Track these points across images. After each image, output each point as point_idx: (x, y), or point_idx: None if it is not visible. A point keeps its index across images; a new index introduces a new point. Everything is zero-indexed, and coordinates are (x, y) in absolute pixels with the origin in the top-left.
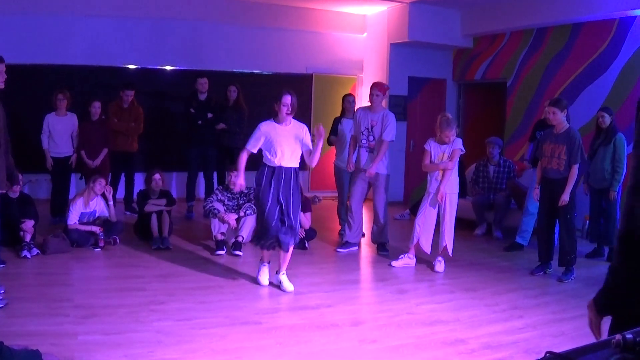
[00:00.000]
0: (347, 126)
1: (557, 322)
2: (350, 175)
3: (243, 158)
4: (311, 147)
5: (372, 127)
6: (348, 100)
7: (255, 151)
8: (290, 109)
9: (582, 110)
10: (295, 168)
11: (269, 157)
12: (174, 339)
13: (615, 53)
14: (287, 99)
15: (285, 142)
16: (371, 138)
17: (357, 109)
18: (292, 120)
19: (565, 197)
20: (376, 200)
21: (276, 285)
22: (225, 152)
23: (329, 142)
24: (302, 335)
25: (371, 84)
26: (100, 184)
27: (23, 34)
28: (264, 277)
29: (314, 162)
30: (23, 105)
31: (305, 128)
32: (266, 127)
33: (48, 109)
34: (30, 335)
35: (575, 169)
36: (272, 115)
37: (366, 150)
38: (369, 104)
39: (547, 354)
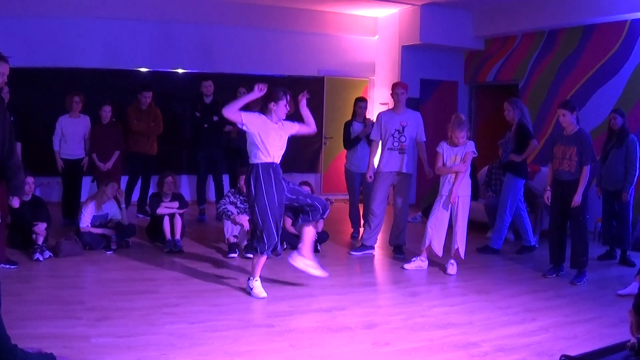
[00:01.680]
0: (357, 130)
1: (570, 324)
2: (374, 177)
3: (233, 114)
4: (298, 125)
5: (403, 128)
6: (360, 105)
7: (244, 121)
8: (287, 110)
9: (594, 112)
10: (279, 164)
11: (260, 152)
12: (186, 341)
13: (627, 55)
14: (288, 98)
15: (278, 140)
16: (403, 139)
17: (380, 114)
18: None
19: (578, 199)
20: (399, 202)
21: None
22: (235, 154)
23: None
24: (315, 338)
25: (392, 85)
26: (113, 188)
27: (35, 37)
28: (261, 290)
29: (312, 125)
30: (35, 108)
31: (287, 122)
32: (261, 117)
33: (60, 112)
34: (43, 338)
35: (586, 170)
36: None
37: (398, 152)
38: (390, 106)
39: (562, 357)
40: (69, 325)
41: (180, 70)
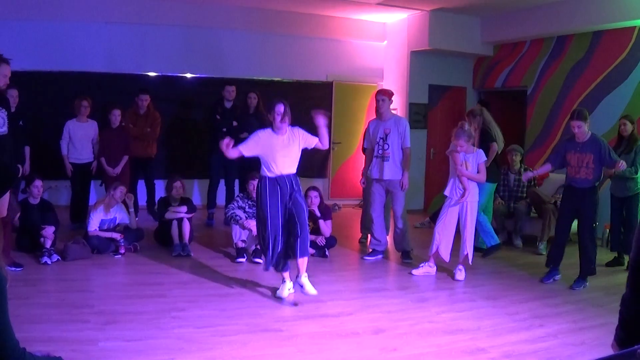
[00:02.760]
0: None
1: (578, 331)
2: (370, 183)
3: (232, 153)
4: (316, 140)
5: (386, 136)
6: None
7: (245, 153)
8: (283, 118)
9: (602, 118)
10: (294, 174)
11: (266, 168)
12: (194, 345)
13: (636, 60)
14: (280, 108)
15: (281, 151)
16: (386, 146)
17: (369, 122)
18: (287, 128)
19: (621, 165)
20: (395, 207)
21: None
22: (247, 160)
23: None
24: (323, 343)
25: (377, 91)
26: (121, 191)
27: (44, 41)
28: (285, 290)
29: (325, 144)
30: (43, 111)
31: (299, 129)
32: (264, 134)
33: (68, 116)
34: (51, 342)
35: (621, 162)
36: (271, 125)
37: (381, 160)
38: (397, 112)
39: None
40: (76, 329)
41: (189, 75)
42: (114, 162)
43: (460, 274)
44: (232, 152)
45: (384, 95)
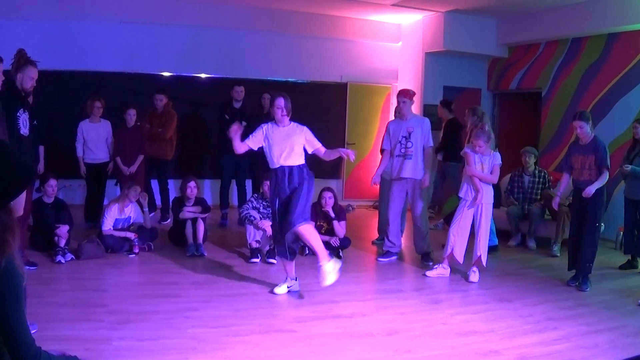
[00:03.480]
0: None
1: (592, 333)
2: (388, 185)
3: (241, 148)
4: (320, 147)
5: (409, 134)
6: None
7: (252, 146)
8: (284, 111)
9: (617, 120)
10: (298, 165)
11: (269, 160)
12: (208, 345)
13: None
14: (280, 102)
15: (281, 142)
16: (409, 144)
17: (388, 123)
18: (292, 123)
19: (590, 190)
20: (414, 208)
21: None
22: (259, 159)
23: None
24: (337, 344)
25: (398, 91)
26: (135, 191)
27: (58, 40)
28: (282, 288)
29: (328, 155)
30: (57, 111)
31: (306, 129)
32: (266, 126)
33: (82, 115)
34: (65, 340)
35: (606, 174)
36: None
37: (402, 158)
38: (414, 111)
39: None
40: (90, 328)
41: (203, 75)
42: (129, 162)
43: (474, 276)
44: (240, 147)
45: (405, 97)
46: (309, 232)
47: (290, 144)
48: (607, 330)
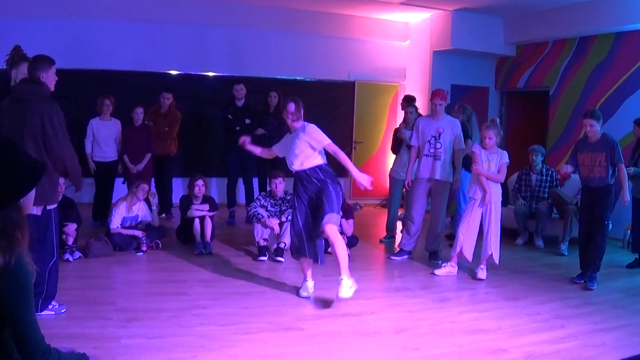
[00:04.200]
0: (407, 136)
1: (599, 332)
2: (412, 184)
3: (266, 153)
4: (329, 144)
5: (439, 135)
6: (409, 111)
7: (278, 153)
8: (293, 116)
9: (625, 119)
10: (313, 167)
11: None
12: (216, 343)
13: None
14: (291, 107)
15: (289, 148)
16: (438, 145)
17: (418, 119)
18: (301, 125)
19: (626, 198)
20: (434, 209)
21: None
22: (266, 158)
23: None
24: (345, 342)
25: (431, 93)
26: (143, 190)
27: (65, 39)
28: (304, 291)
29: (339, 159)
30: (65, 109)
31: (310, 128)
32: (288, 134)
33: (91, 114)
34: (73, 338)
35: (623, 168)
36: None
37: (432, 159)
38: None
39: None
40: (98, 325)
41: (211, 74)
42: (136, 160)
43: (482, 273)
44: (267, 153)
45: (441, 100)
46: (334, 236)
47: (297, 148)
48: (615, 328)
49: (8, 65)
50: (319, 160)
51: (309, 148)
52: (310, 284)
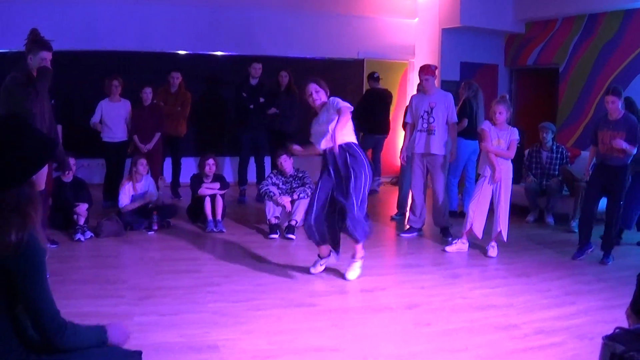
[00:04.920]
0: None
1: (610, 308)
2: (408, 160)
3: (306, 149)
4: (340, 105)
5: (432, 109)
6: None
7: (315, 142)
8: (312, 97)
9: (635, 97)
10: (341, 145)
11: None
12: (230, 319)
13: None
14: (310, 88)
15: (316, 128)
16: (431, 120)
17: (411, 97)
18: (325, 103)
19: (622, 143)
20: (435, 183)
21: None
22: (277, 136)
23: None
24: (357, 317)
25: (419, 69)
26: (142, 164)
27: (74, 20)
28: (316, 268)
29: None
30: (75, 91)
31: (333, 101)
32: (313, 121)
33: (100, 95)
34: (86, 317)
35: (635, 147)
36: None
37: (426, 134)
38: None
39: (617, 329)
40: (111, 304)
41: (220, 53)
42: (146, 140)
43: (493, 251)
44: (311, 148)
45: (427, 74)
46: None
47: (322, 127)
48: (626, 305)
49: (26, 50)
50: (348, 136)
51: (330, 124)
52: (324, 262)
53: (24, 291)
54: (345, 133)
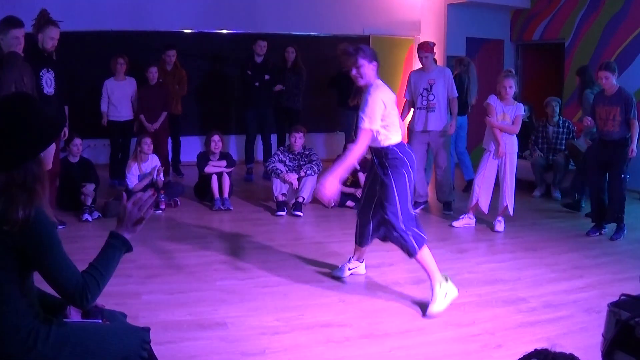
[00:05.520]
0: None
1: (617, 282)
2: (408, 138)
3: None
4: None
5: (431, 86)
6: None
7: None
8: (357, 72)
9: (639, 70)
10: (375, 149)
11: None
12: (237, 297)
13: None
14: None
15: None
16: (431, 97)
17: (410, 73)
18: (372, 85)
19: (634, 150)
20: (438, 161)
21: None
22: (284, 113)
23: None
24: (365, 293)
25: (417, 46)
26: (147, 143)
27: (80, 1)
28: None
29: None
30: (80, 71)
31: (375, 88)
32: None
33: (105, 75)
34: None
35: (636, 124)
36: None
37: (425, 111)
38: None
39: (622, 296)
40: (119, 283)
41: (224, 31)
42: (152, 119)
43: (500, 226)
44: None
45: (426, 52)
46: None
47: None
48: (633, 278)
49: (35, 30)
50: (393, 137)
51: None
52: (352, 265)
53: (41, 265)
54: (385, 133)
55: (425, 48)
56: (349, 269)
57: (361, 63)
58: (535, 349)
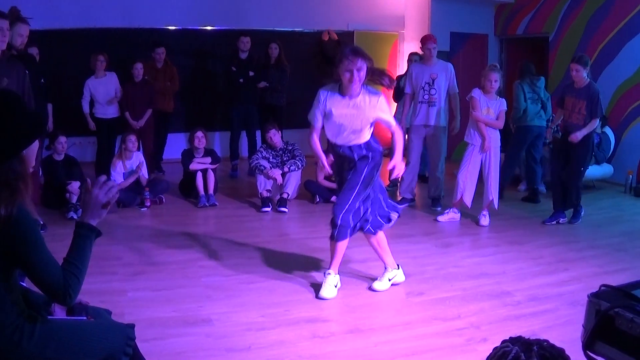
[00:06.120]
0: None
1: (602, 275)
2: (407, 132)
3: (315, 143)
4: (390, 121)
5: (433, 81)
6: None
7: (319, 128)
8: (355, 76)
9: (624, 64)
10: (360, 144)
11: (326, 131)
12: (222, 293)
13: None
14: (357, 62)
15: (343, 118)
16: (433, 91)
17: (411, 66)
18: (362, 90)
19: (578, 135)
20: (432, 156)
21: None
22: (268, 110)
23: None
24: (350, 288)
25: (421, 38)
26: (131, 140)
27: None
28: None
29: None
30: (64, 69)
31: (380, 100)
32: (325, 95)
33: (88, 72)
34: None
35: (594, 122)
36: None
37: (427, 105)
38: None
39: (602, 287)
40: (105, 280)
41: (209, 27)
42: (138, 116)
43: (485, 220)
44: (315, 142)
45: (433, 43)
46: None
47: (357, 121)
48: (618, 271)
49: None
50: (369, 135)
51: (369, 124)
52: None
53: (23, 262)
54: (368, 132)
55: (433, 40)
56: (389, 279)
57: (364, 67)
58: (510, 337)
